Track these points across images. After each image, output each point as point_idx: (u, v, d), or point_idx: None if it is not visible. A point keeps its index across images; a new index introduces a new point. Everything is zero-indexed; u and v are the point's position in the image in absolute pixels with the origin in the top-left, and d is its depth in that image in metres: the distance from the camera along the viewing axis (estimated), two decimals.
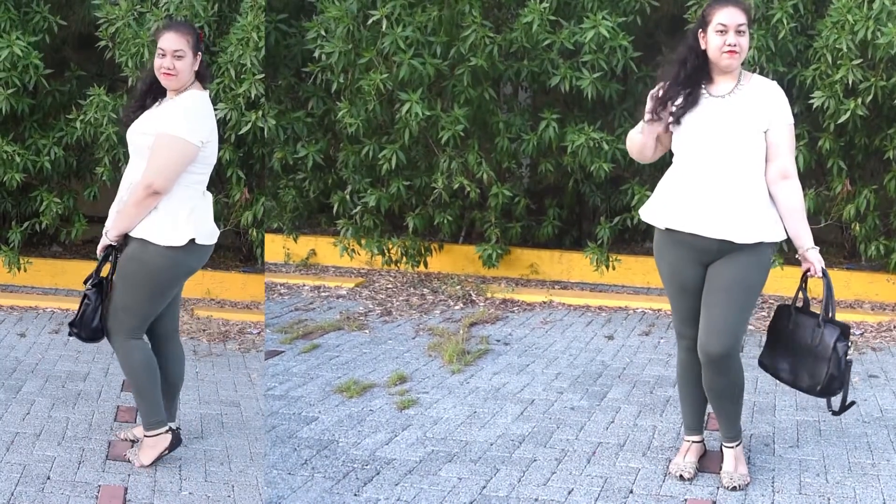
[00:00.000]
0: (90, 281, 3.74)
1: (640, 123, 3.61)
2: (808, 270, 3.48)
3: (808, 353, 3.50)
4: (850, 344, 3.52)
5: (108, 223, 3.73)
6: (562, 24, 6.05)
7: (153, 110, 3.68)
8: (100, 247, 3.71)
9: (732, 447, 3.66)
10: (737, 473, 3.61)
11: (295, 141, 6.61)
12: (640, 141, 3.57)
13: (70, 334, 3.78)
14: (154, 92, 3.72)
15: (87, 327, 3.73)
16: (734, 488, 3.56)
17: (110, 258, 3.71)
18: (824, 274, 3.44)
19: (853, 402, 3.56)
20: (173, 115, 3.57)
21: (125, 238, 3.65)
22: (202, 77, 3.72)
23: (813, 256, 3.44)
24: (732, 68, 3.42)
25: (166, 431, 3.78)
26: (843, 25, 5.50)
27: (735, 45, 3.35)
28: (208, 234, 3.71)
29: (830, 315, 3.48)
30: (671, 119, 3.47)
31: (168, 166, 3.54)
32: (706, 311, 3.47)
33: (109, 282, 3.72)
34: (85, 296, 3.73)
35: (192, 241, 3.61)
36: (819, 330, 3.47)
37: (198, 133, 3.57)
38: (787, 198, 3.41)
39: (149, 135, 3.57)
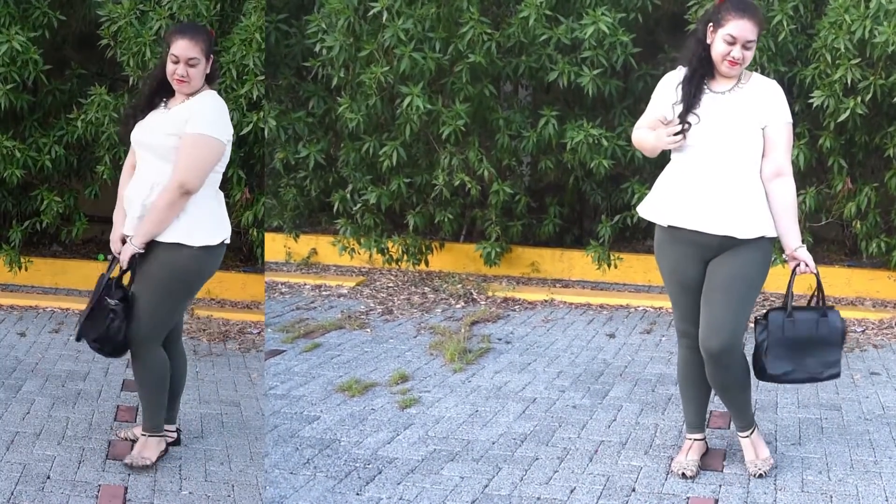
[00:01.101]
0: (112, 294, 3.58)
1: (643, 119, 3.61)
2: (797, 269, 3.49)
3: (813, 344, 3.54)
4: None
5: (123, 229, 3.65)
6: (559, 20, 6.05)
7: (165, 111, 3.63)
8: (126, 256, 3.56)
9: (747, 436, 3.68)
10: (759, 460, 3.64)
11: (296, 141, 6.61)
12: (650, 146, 3.56)
13: (93, 348, 3.67)
14: (162, 93, 3.68)
15: (113, 342, 3.60)
16: (761, 476, 3.60)
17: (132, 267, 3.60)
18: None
19: None
20: (203, 115, 3.53)
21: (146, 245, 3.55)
22: (210, 78, 3.68)
23: (803, 254, 3.45)
24: (731, 75, 3.43)
25: (161, 437, 3.80)
26: (840, 25, 5.50)
27: (739, 59, 3.36)
28: (229, 232, 3.71)
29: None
30: (678, 121, 3.46)
31: (201, 166, 3.51)
32: (706, 307, 3.47)
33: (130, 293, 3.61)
34: (110, 311, 3.57)
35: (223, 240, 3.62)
36: (824, 319, 3.54)
37: (226, 132, 3.57)
38: (781, 196, 3.41)
39: (175, 136, 3.51)
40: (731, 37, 3.34)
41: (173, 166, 3.51)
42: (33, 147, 6.18)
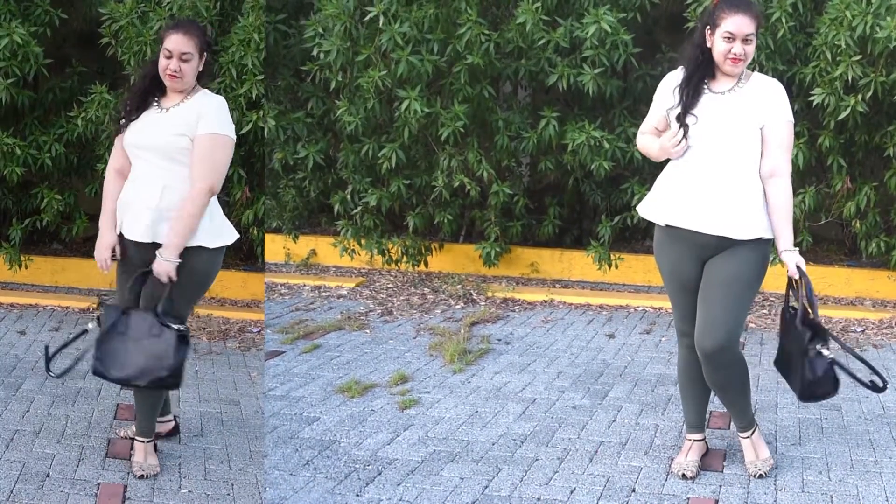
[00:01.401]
0: (174, 323, 3.40)
1: (646, 124, 3.62)
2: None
3: (794, 355, 3.45)
4: (824, 344, 3.34)
5: (113, 235, 3.53)
6: (557, 23, 6.04)
7: (161, 111, 3.52)
8: (166, 271, 3.38)
9: (748, 436, 3.67)
10: (759, 461, 3.64)
11: (295, 141, 6.61)
12: (655, 153, 3.56)
13: (167, 386, 3.51)
14: (155, 91, 3.58)
15: (182, 368, 3.45)
16: (761, 476, 3.59)
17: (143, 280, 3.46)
18: (802, 274, 3.37)
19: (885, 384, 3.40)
20: (214, 115, 3.47)
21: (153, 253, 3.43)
22: (202, 76, 3.60)
23: (787, 258, 3.37)
24: (735, 74, 3.42)
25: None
26: (841, 21, 5.49)
27: (741, 55, 3.35)
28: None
29: (812, 316, 3.40)
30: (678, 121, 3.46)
31: (222, 166, 3.47)
32: (702, 306, 3.46)
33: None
34: (180, 336, 3.41)
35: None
36: (798, 332, 3.39)
37: (233, 129, 3.54)
38: (774, 196, 3.39)
39: (185, 136, 3.43)
40: (730, 33, 3.34)
41: (194, 170, 3.42)
42: (33, 145, 6.19)
